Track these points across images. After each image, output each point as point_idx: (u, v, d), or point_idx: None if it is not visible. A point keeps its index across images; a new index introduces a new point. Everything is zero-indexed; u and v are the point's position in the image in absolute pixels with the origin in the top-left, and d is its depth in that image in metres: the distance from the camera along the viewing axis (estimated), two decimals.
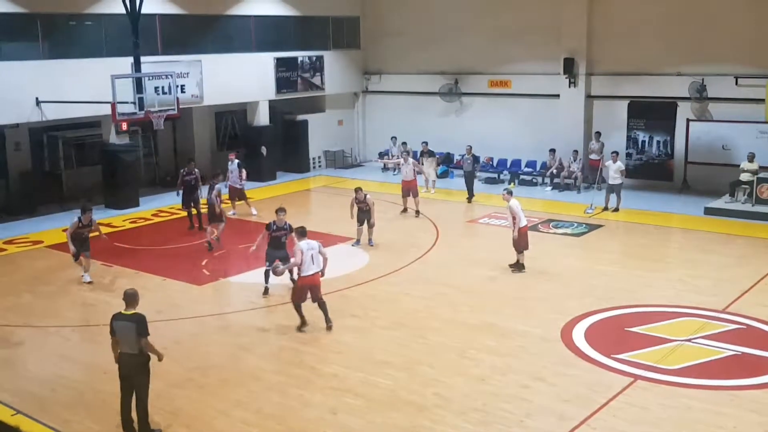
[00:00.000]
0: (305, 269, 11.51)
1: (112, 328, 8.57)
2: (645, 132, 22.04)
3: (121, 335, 8.51)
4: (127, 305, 8.62)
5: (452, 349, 10.96)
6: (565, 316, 12.11)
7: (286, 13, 25.14)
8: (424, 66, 25.98)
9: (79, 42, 20.34)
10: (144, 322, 8.49)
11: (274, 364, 10.65)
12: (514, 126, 24.27)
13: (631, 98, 22.10)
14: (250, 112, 24.93)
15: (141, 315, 8.55)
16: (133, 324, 8.42)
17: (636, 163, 22.08)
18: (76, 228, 13.97)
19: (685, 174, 21.50)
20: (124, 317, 8.53)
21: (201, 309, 13.04)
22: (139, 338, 8.42)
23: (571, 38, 22.78)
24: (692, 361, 10.43)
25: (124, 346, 8.52)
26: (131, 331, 8.42)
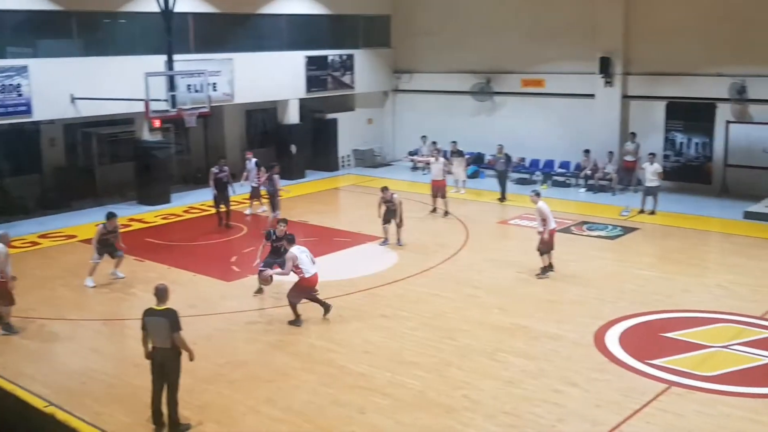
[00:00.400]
0: (307, 270, 11.81)
1: (144, 323, 8.67)
2: (683, 134, 21.78)
3: (153, 330, 8.61)
4: (158, 300, 8.73)
5: (482, 352, 10.91)
6: (599, 320, 12.00)
7: (318, 12, 25.25)
8: (455, 65, 25.92)
9: (114, 40, 20.66)
10: (176, 317, 8.59)
11: (303, 362, 10.70)
12: (547, 126, 24.11)
13: (669, 99, 21.84)
14: (280, 110, 25.08)
15: (173, 310, 8.65)
16: (166, 320, 8.52)
17: (673, 165, 21.81)
18: (101, 234, 14.09)
19: (724, 177, 21.19)
20: (156, 312, 8.63)
21: (230, 305, 13.14)
22: (171, 333, 8.51)
23: (607, 37, 22.56)
24: (729, 368, 10.29)
25: (156, 341, 8.63)
26: (163, 327, 8.52)
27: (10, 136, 19.93)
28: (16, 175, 20.46)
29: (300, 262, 11.79)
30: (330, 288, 13.77)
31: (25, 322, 12.34)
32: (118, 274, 14.44)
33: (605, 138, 22.57)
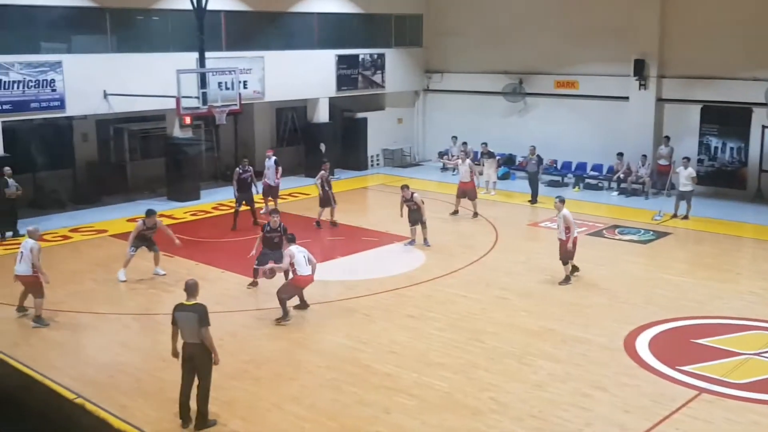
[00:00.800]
0: (300, 270, 11.87)
1: (174, 318, 8.78)
2: (718, 138, 21.49)
3: (183, 325, 8.71)
4: (188, 296, 8.83)
5: (509, 354, 10.87)
6: (629, 325, 11.89)
7: (349, 11, 25.32)
8: (487, 65, 25.83)
9: (146, 37, 20.91)
10: (205, 312, 8.68)
11: (328, 360, 10.74)
12: (580, 128, 23.94)
13: (704, 102, 21.57)
14: (310, 108, 25.20)
15: (202, 305, 8.75)
16: (195, 314, 8.62)
17: (708, 169, 21.54)
18: (140, 230, 14.27)
19: (759, 182, 20.87)
20: (186, 308, 8.74)
21: (257, 302, 13.24)
22: (200, 328, 8.60)
23: (642, 39, 22.34)
24: (761, 376, 10.14)
25: (186, 336, 8.73)
26: (193, 321, 8.62)
27: (44, 131, 20.24)
28: (49, 169, 20.79)
29: (295, 260, 11.87)
30: (357, 287, 13.83)
31: (55, 315, 12.55)
32: (160, 271, 14.53)
33: (639, 141, 22.34)
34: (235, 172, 18.24)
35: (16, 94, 17.83)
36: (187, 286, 8.90)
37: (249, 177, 18.21)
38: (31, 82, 18.03)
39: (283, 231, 13.34)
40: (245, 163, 18.46)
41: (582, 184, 22.94)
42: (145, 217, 14.37)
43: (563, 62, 24.27)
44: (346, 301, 13.16)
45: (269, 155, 19.65)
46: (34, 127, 20.04)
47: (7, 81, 17.65)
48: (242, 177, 18.07)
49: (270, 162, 19.34)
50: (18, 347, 11.11)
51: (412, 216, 16.40)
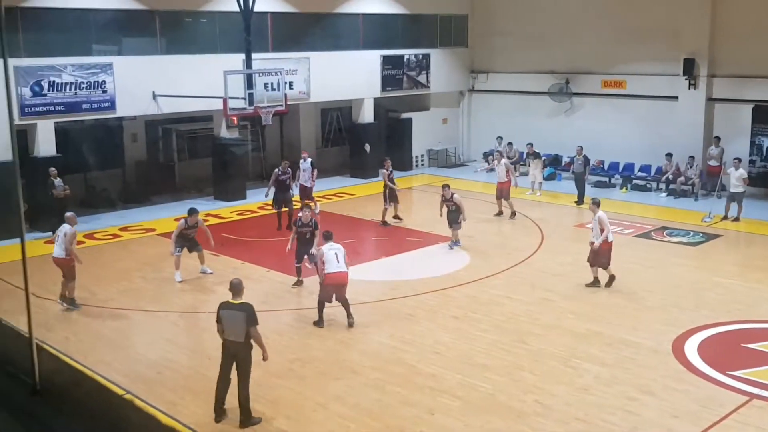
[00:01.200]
0: (329, 267, 11.66)
1: (219, 315, 8.86)
2: None
3: (228, 324, 8.78)
4: (233, 294, 8.92)
5: (555, 357, 10.75)
6: (678, 329, 11.67)
7: (395, 11, 25.34)
8: (533, 65, 25.61)
9: (194, 38, 21.21)
10: (253, 311, 8.75)
11: (372, 360, 10.75)
12: (627, 128, 23.58)
13: (756, 102, 21.05)
14: (355, 109, 25.27)
15: (249, 304, 8.82)
16: (243, 313, 8.69)
17: (759, 170, 21.02)
18: (182, 229, 14.37)
19: None
20: (233, 306, 8.82)
21: (302, 302, 13.33)
22: (247, 327, 8.66)
23: (692, 38, 21.90)
24: None
25: (230, 335, 8.79)
26: (239, 320, 8.68)
27: (95, 132, 20.70)
28: (100, 169, 21.22)
29: (325, 258, 11.75)
30: (401, 288, 13.83)
31: (105, 312, 12.81)
32: (207, 270, 14.68)
33: (688, 142, 21.91)
34: (274, 173, 18.11)
35: (68, 95, 18.25)
36: (232, 286, 8.98)
37: (287, 179, 18.19)
38: (82, 84, 18.43)
39: (314, 226, 13.46)
40: (285, 164, 18.43)
41: (629, 185, 22.60)
42: (187, 216, 14.51)
43: (611, 62, 23.94)
44: (390, 301, 13.17)
45: (304, 157, 19.55)
46: (85, 127, 20.50)
47: (59, 83, 18.08)
48: (281, 178, 18.00)
49: (306, 164, 19.28)
50: (69, 342, 11.36)
51: (451, 216, 16.32)
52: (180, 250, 14.37)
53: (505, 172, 18.99)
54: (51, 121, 18.17)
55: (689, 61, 21.83)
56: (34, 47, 17.83)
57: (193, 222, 14.49)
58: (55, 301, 13.02)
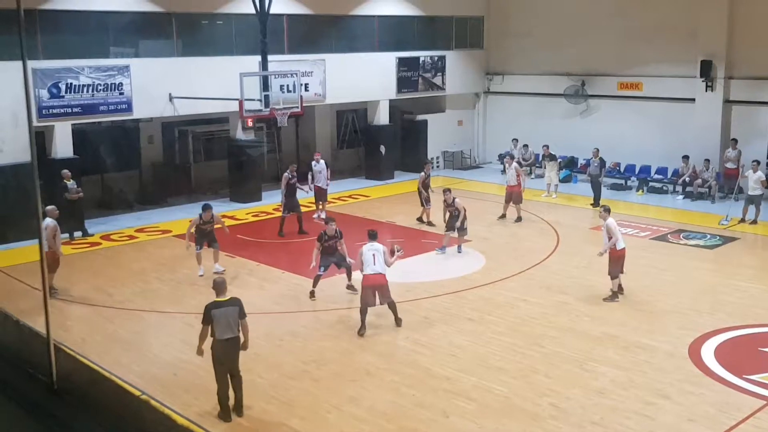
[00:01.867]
0: (366, 268, 11.74)
1: (209, 316, 9.00)
2: None
3: (222, 320, 8.96)
4: (219, 293, 9.15)
5: (570, 360, 10.71)
6: (694, 332, 11.59)
7: (410, 13, 25.34)
8: (549, 67, 25.54)
9: (211, 41, 21.30)
10: (242, 304, 9.11)
11: (387, 363, 10.75)
12: (644, 130, 23.46)
13: None
14: (370, 110, 25.30)
15: (238, 298, 9.18)
16: (236, 307, 9.02)
17: None
18: (198, 224, 14.69)
19: None
20: (224, 303, 9.06)
21: (317, 303, 13.33)
22: (241, 319, 9.01)
23: (709, 39, 21.75)
24: None
25: (224, 332, 8.96)
26: (233, 314, 8.98)
27: (112, 133, 20.85)
28: (117, 170, 21.38)
29: (363, 258, 11.82)
30: (417, 290, 13.82)
31: (121, 313, 12.89)
32: (219, 268, 14.83)
33: (705, 144, 21.76)
34: (284, 178, 17.96)
35: (85, 97, 18.38)
36: (216, 284, 9.24)
37: (296, 182, 18.13)
38: (100, 86, 18.57)
39: (339, 236, 13.51)
40: (293, 168, 18.30)
41: (646, 188, 22.46)
42: (202, 211, 14.75)
43: (627, 63, 23.82)
44: (405, 303, 13.15)
45: (317, 159, 19.49)
46: (102, 129, 20.65)
47: (77, 85, 18.21)
48: (291, 182, 17.90)
49: (320, 165, 19.26)
50: (85, 343, 11.43)
51: (450, 222, 16.05)
52: (200, 248, 14.69)
53: (516, 176, 18.88)
54: (68, 122, 18.31)
55: (706, 63, 21.67)
56: (52, 49, 17.98)
57: (208, 217, 14.75)
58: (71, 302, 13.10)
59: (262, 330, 11.96)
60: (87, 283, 14.61)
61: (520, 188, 18.94)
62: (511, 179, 18.92)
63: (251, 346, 9.31)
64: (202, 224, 14.70)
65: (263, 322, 12.35)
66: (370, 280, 11.72)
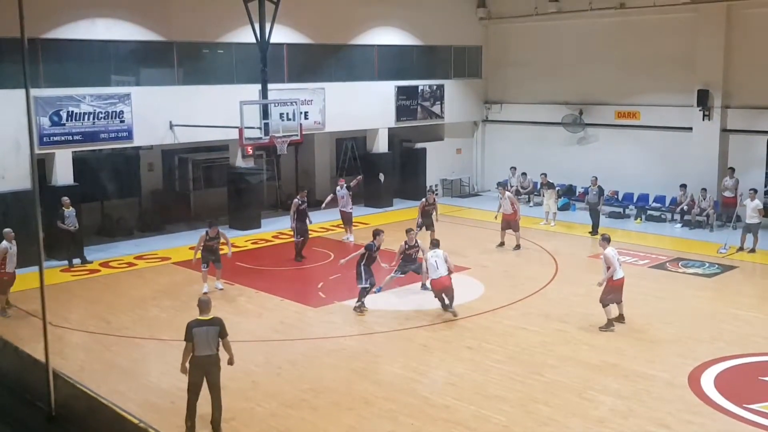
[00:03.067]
0: (431, 273, 13.53)
1: (191, 334, 9.15)
2: None
3: (202, 339, 9.14)
4: (202, 311, 9.32)
5: (570, 389, 10.67)
6: (694, 361, 11.56)
7: (409, 43, 25.56)
8: (547, 96, 25.72)
9: (211, 69, 21.45)
10: (224, 324, 9.29)
11: (386, 391, 10.70)
12: (641, 159, 23.57)
13: None
14: (369, 138, 25.42)
15: (220, 318, 9.36)
16: (218, 327, 9.20)
17: None
18: (204, 240, 15.27)
19: None
20: (206, 322, 9.23)
21: (316, 331, 13.32)
22: (220, 339, 9.18)
23: (706, 69, 21.94)
24: None
25: (203, 349, 9.14)
26: (214, 333, 9.16)
27: (112, 161, 20.92)
28: (117, 198, 21.42)
29: (428, 264, 13.61)
30: (415, 317, 13.80)
31: (120, 341, 12.85)
32: (219, 285, 15.43)
33: (703, 172, 21.84)
34: (294, 204, 18.09)
35: (86, 125, 18.47)
36: (201, 303, 9.44)
37: (306, 208, 18.27)
38: (101, 114, 18.67)
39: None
40: (303, 194, 18.49)
41: (644, 216, 22.49)
42: (208, 227, 15.31)
43: (624, 93, 24.00)
44: (404, 331, 13.14)
45: (341, 184, 20.19)
46: (102, 156, 20.72)
47: (78, 112, 18.31)
48: (301, 209, 18.03)
49: (343, 191, 19.95)
50: (83, 371, 11.38)
51: (403, 265, 15.04)
52: (206, 266, 15.22)
53: (510, 205, 18.96)
54: (69, 150, 18.38)
55: (703, 92, 21.83)
56: (54, 77, 18.12)
57: (214, 233, 15.29)
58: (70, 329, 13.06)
59: (261, 358, 11.94)
60: (86, 311, 14.59)
61: (516, 216, 18.99)
62: (507, 208, 18.98)
63: (249, 373, 9.30)
64: (209, 240, 15.25)
65: (262, 350, 12.32)
66: (437, 284, 13.46)
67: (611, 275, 12.95)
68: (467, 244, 19.39)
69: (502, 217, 19.18)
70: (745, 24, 21.44)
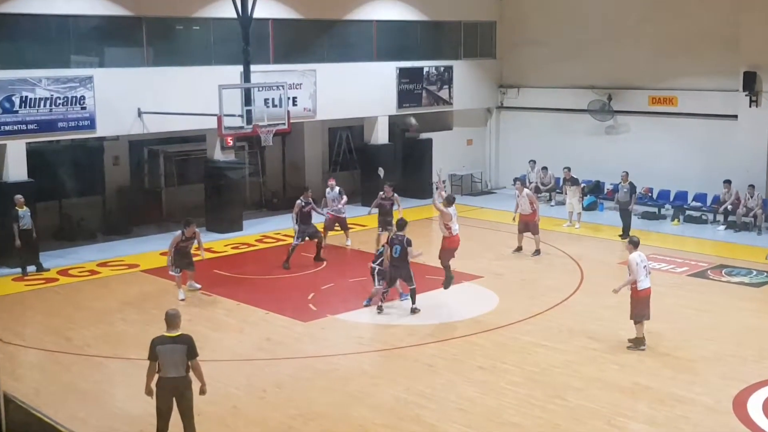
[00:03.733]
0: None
1: (155, 352, 9.08)
2: None
3: (167, 359, 9.04)
4: (169, 327, 9.21)
5: (597, 415, 10.68)
6: (739, 383, 11.57)
7: (413, 18, 25.59)
8: (570, 79, 25.77)
9: (186, 49, 21.47)
10: (193, 343, 9.14)
11: (386, 418, 10.70)
12: (679, 151, 23.62)
13: None
14: (367, 128, 25.44)
15: (189, 336, 9.20)
16: (183, 346, 9.07)
17: None
18: (179, 241, 15.37)
19: None
20: (171, 340, 9.11)
21: (306, 349, 13.31)
22: (188, 360, 9.07)
23: (753, 48, 21.97)
24: None
25: (169, 371, 9.05)
26: (180, 353, 9.04)
27: (72, 153, 20.88)
28: (77, 196, 21.38)
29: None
30: (420, 333, 13.82)
31: (80, 360, 12.84)
32: (195, 284, 15.82)
33: (751, 166, 21.87)
34: (297, 205, 17.99)
35: (42, 112, 18.46)
36: (168, 317, 9.28)
37: (311, 209, 18.21)
38: (59, 99, 18.67)
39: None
40: (308, 194, 18.35)
41: (682, 217, 22.52)
42: (184, 227, 15.42)
43: (659, 76, 24.05)
44: (407, 349, 13.13)
45: (331, 185, 19.76)
46: (61, 148, 20.72)
47: (33, 98, 18.31)
48: (305, 210, 17.98)
49: (334, 192, 19.53)
50: (39, 395, 11.38)
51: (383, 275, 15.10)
52: (179, 270, 15.53)
53: (529, 204, 18.92)
54: (23, 141, 18.38)
55: (750, 75, 21.87)
56: (6, 58, 18.13)
57: (191, 233, 15.42)
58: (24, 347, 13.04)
59: (243, 380, 11.94)
60: (42, 325, 14.58)
61: (535, 217, 18.99)
62: (525, 208, 18.97)
63: (229, 397, 9.30)
64: (183, 241, 15.35)
65: (244, 371, 12.33)
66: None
67: (632, 284, 12.90)
68: (479, 248, 19.39)
69: (519, 218, 19.18)
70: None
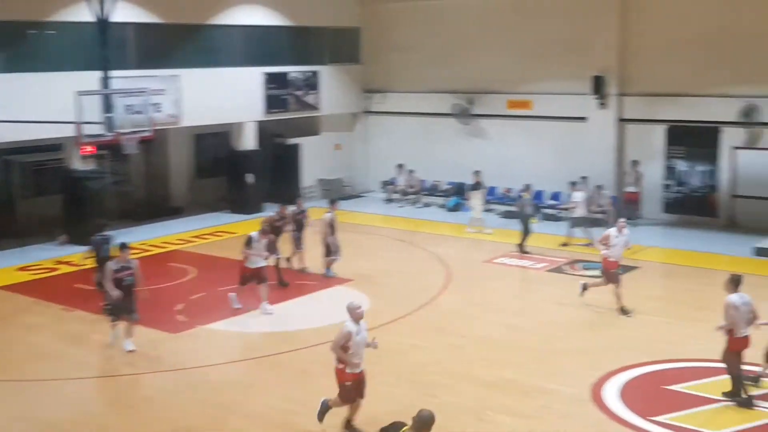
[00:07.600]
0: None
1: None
2: (685, 161, 22.06)
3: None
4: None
5: (466, 410, 10.89)
6: (597, 371, 12.04)
7: (278, 23, 25.43)
8: (434, 84, 26.17)
9: (40, 53, 20.55)
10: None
11: (260, 427, 10.59)
12: (535, 152, 24.32)
13: (669, 122, 22.17)
14: (235, 134, 25.11)
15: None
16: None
17: (675, 196, 22.11)
18: (113, 274, 13.11)
19: (731, 209, 21.53)
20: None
21: (175, 361, 13.00)
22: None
23: (601, 54, 22.91)
24: (741, 425, 10.40)
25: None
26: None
27: None
28: None
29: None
30: (292, 339, 13.74)
31: None
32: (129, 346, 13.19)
33: (600, 165, 22.75)
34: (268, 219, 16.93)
35: None
36: None
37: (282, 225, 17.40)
38: None
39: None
40: (283, 209, 17.49)
41: (540, 215, 23.04)
42: (119, 252, 13.38)
43: (516, 80, 24.70)
44: (279, 356, 13.02)
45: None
46: None
47: None
48: (276, 225, 17.00)
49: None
50: None
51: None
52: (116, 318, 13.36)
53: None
54: None
55: (598, 79, 22.75)
56: None
57: (124, 260, 13.30)
58: None
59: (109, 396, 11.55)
60: None
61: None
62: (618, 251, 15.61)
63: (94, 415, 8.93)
64: (118, 272, 13.09)
65: (110, 387, 11.93)
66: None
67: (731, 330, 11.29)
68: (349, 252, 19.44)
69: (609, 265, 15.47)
70: (640, 3, 22.54)
